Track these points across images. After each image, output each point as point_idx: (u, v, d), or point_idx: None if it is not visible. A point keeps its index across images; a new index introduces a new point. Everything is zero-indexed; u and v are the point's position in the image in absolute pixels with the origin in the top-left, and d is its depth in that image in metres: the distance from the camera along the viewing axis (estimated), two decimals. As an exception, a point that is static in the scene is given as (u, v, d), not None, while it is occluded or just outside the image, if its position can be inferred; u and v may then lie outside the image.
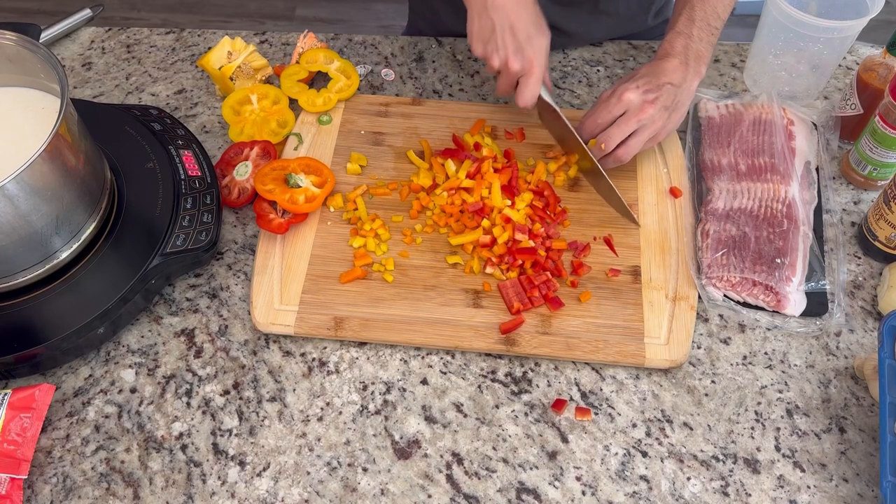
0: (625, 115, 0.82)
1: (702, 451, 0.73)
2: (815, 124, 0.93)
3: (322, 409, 0.75)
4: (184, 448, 0.73)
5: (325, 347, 0.79)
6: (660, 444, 0.73)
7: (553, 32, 1.04)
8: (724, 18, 0.87)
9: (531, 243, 0.81)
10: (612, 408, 0.75)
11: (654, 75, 0.83)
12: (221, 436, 0.74)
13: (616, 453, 0.72)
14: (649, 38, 1.07)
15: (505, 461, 0.72)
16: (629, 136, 0.83)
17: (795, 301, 0.79)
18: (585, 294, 0.80)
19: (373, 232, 0.84)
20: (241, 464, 0.72)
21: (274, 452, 0.73)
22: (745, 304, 0.80)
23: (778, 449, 0.73)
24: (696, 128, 0.94)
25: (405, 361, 0.78)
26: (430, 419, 0.75)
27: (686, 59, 0.84)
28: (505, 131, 0.94)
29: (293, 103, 0.97)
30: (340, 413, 0.75)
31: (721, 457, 0.72)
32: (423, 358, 0.78)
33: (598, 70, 1.03)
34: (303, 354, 0.79)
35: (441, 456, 0.72)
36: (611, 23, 1.05)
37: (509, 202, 0.84)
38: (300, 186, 0.85)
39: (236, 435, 0.74)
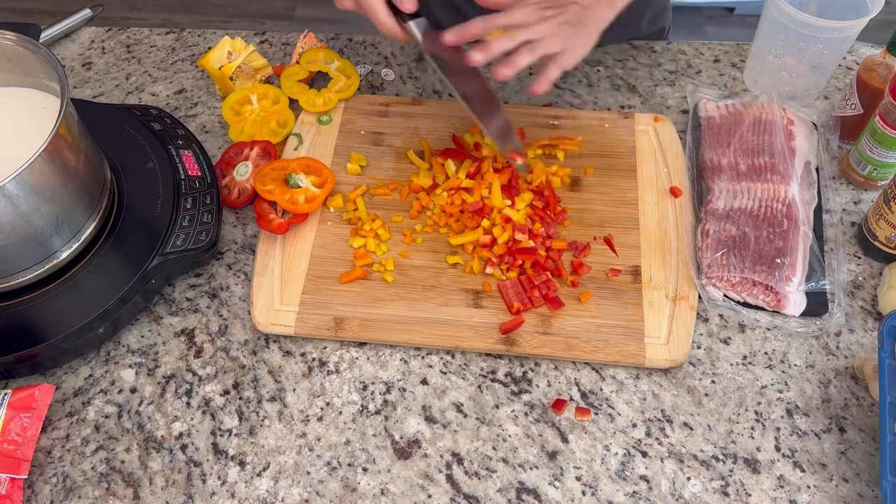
0: (518, 25, 0.75)
1: (702, 451, 0.73)
2: (815, 124, 0.93)
3: (322, 409, 0.75)
4: (184, 448, 0.73)
5: (325, 347, 0.79)
6: (660, 444, 0.73)
7: None
8: None
9: (531, 243, 0.81)
10: (612, 408, 0.75)
11: None
12: (221, 436, 0.74)
13: (616, 453, 0.72)
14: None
15: (505, 461, 0.72)
16: (520, 49, 0.76)
17: (795, 301, 0.79)
18: (585, 294, 0.80)
19: (373, 232, 0.84)
20: (241, 464, 0.72)
21: (274, 452, 0.73)
22: (745, 304, 0.80)
23: (778, 449, 0.73)
24: (696, 128, 0.94)
25: (405, 361, 0.78)
26: (430, 419, 0.75)
27: None
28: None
29: (293, 103, 0.97)
30: (340, 413, 0.75)
31: (721, 457, 0.72)
32: (423, 358, 0.78)
33: (599, 70, 1.03)
34: (303, 354, 0.79)
35: (441, 456, 0.72)
36: (604, 31, 1.04)
37: (509, 202, 0.84)
38: (300, 186, 0.85)
39: (236, 435, 0.74)
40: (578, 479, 0.71)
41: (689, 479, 0.71)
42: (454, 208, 0.85)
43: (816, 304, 0.80)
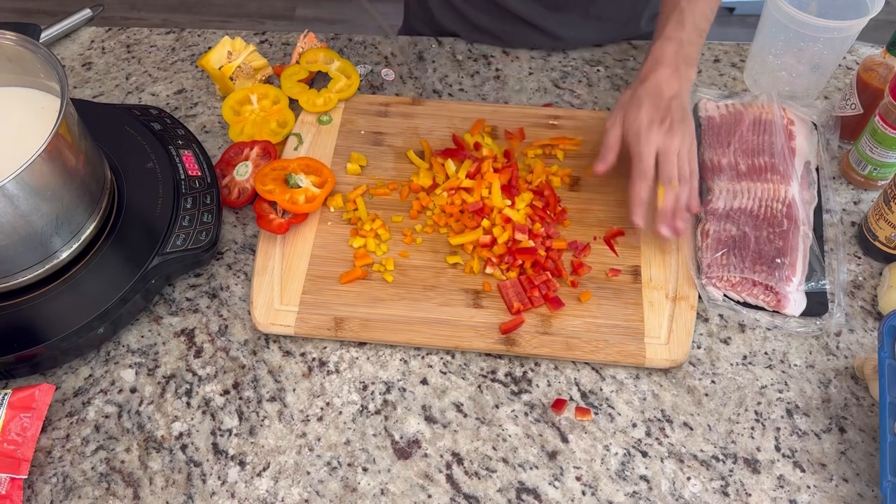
0: (660, 158, 0.79)
1: (702, 450, 0.73)
2: (815, 124, 0.93)
3: (322, 408, 0.75)
4: (184, 448, 0.73)
5: (325, 347, 0.79)
6: (660, 443, 0.73)
7: (544, 37, 1.04)
8: (711, 19, 0.86)
9: (531, 243, 0.81)
10: (612, 408, 0.75)
11: (654, 95, 0.80)
12: (221, 436, 0.74)
13: (616, 453, 0.72)
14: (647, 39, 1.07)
15: (505, 461, 0.72)
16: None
17: (795, 301, 0.79)
18: (585, 294, 0.80)
19: (373, 232, 0.84)
20: (241, 464, 0.72)
21: (274, 452, 0.73)
22: (746, 304, 0.80)
23: (778, 449, 0.73)
24: (696, 127, 0.94)
25: (405, 361, 0.78)
26: (430, 419, 0.75)
27: (677, 66, 0.82)
28: (505, 131, 0.94)
29: (293, 103, 0.97)
30: (340, 413, 0.75)
31: (721, 457, 0.72)
32: (423, 358, 0.78)
33: (599, 70, 1.03)
34: (303, 354, 0.79)
35: (441, 456, 0.72)
36: (603, 28, 1.04)
37: (509, 202, 0.84)
38: (300, 186, 0.85)
39: (236, 435, 0.74)
40: (578, 479, 0.71)
41: (689, 479, 0.71)
42: (454, 208, 0.85)
43: (816, 304, 0.80)
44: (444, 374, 0.77)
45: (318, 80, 1.00)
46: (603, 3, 1.02)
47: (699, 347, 0.79)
